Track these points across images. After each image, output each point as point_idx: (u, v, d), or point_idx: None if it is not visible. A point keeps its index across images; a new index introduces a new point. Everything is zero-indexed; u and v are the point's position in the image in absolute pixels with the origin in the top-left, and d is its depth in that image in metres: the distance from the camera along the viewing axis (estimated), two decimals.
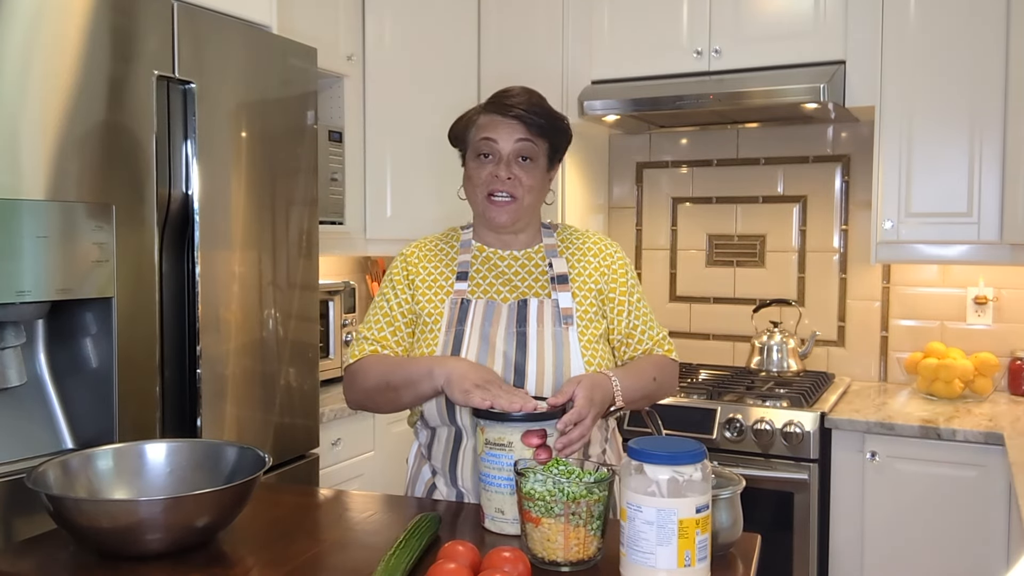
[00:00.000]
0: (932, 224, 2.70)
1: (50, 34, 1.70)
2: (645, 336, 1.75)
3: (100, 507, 1.31)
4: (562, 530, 1.24)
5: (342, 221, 3.01)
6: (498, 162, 1.66)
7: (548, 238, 1.77)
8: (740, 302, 3.35)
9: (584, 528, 1.25)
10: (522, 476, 1.29)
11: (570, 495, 1.23)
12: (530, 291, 1.70)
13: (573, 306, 1.67)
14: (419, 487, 1.73)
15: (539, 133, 1.67)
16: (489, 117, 1.68)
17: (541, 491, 1.25)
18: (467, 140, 1.71)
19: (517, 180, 1.66)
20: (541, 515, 1.25)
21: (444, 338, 1.65)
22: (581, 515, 1.24)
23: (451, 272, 1.72)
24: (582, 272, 1.73)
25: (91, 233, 1.76)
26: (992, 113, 2.60)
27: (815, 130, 3.21)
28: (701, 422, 2.64)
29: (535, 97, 1.69)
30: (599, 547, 1.28)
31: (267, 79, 2.25)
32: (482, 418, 1.45)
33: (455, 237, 1.79)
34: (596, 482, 1.27)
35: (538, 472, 1.28)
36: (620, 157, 3.55)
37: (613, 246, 1.79)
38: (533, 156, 1.68)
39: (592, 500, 1.25)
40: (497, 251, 1.74)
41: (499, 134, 1.66)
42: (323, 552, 1.37)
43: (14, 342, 1.74)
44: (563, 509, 1.23)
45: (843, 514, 2.58)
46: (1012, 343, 2.93)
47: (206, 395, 2.07)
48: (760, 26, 2.87)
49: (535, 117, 1.66)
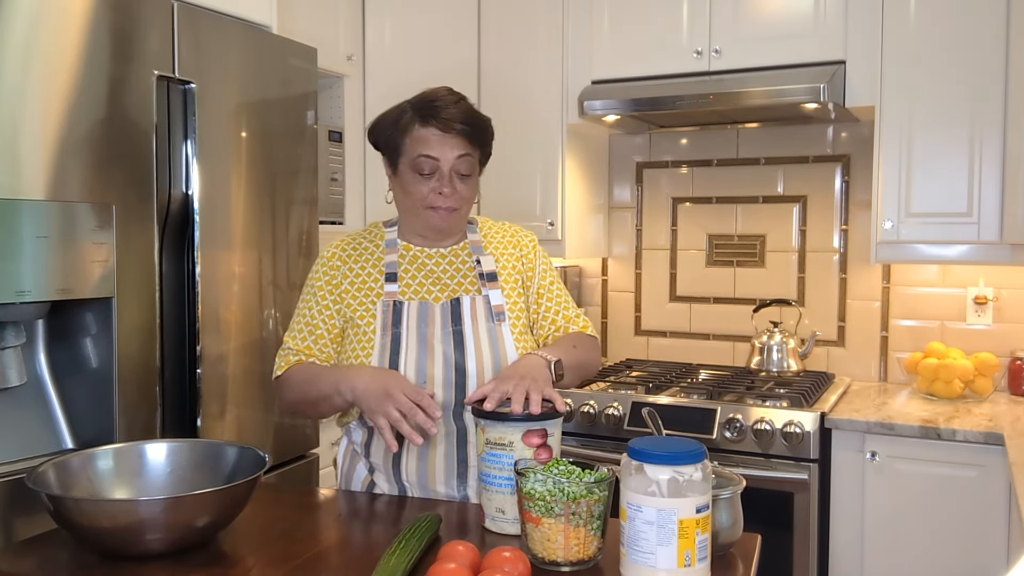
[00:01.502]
0: (932, 224, 2.70)
1: (50, 34, 1.70)
2: (559, 316, 1.79)
3: (100, 507, 1.31)
4: (562, 530, 1.24)
5: (342, 221, 3.01)
6: (439, 178, 1.65)
7: (472, 234, 1.79)
8: (740, 302, 3.35)
9: (584, 528, 1.25)
10: (522, 476, 1.29)
11: (570, 495, 1.24)
12: (460, 288, 1.71)
13: (504, 302, 1.71)
14: (356, 484, 1.74)
15: (476, 144, 1.68)
16: (427, 131, 1.63)
17: (541, 491, 1.25)
18: (400, 149, 1.67)
19: (458, 194, 1.67)
20: (541, 515, 1.25)
21: (381, 341, 1.65)
22: (581, 515, 1.24)
23: (379, 273, 1.71)
24: (506, 266, 1.76)
25: (91, 233, 1.76)
26: (992, 113, 2.60)
27: (815, 130, 3.21)
28: (701, 422, 2.64)
29: (467, 104, 1.67)
30: (599, 547, 1.28)
31: (267, 79, 2.25)
32: (482, 418, 1.45)
33: (378, 235, 1.77)
34: (596, 482, 1.27)
35: (538, 472, 1.29)
36: (620, 157, 3.55)
37: (528, 236, 1.83)
38: (471, 170, 1.68)
39: (592, 500, 1.25)
40: (424, 249, 1.75)
41: (440, 151, 1.63)
42: (323, 552, 1.37)
43: (14, 342, 1.74)
44: (563, 509, 1.24)
45: (843, 514, 2.58)
46: (1012, 343, 2.93)
47: (206, 395, 2.07)
48: (760, 26, 2.87)
49: (472, 129, 1.65)
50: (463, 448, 1.65)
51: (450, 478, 1.65)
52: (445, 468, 1.65)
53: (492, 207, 3.19)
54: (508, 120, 3.20)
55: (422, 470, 1.65)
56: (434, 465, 1.65)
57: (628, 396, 2.79)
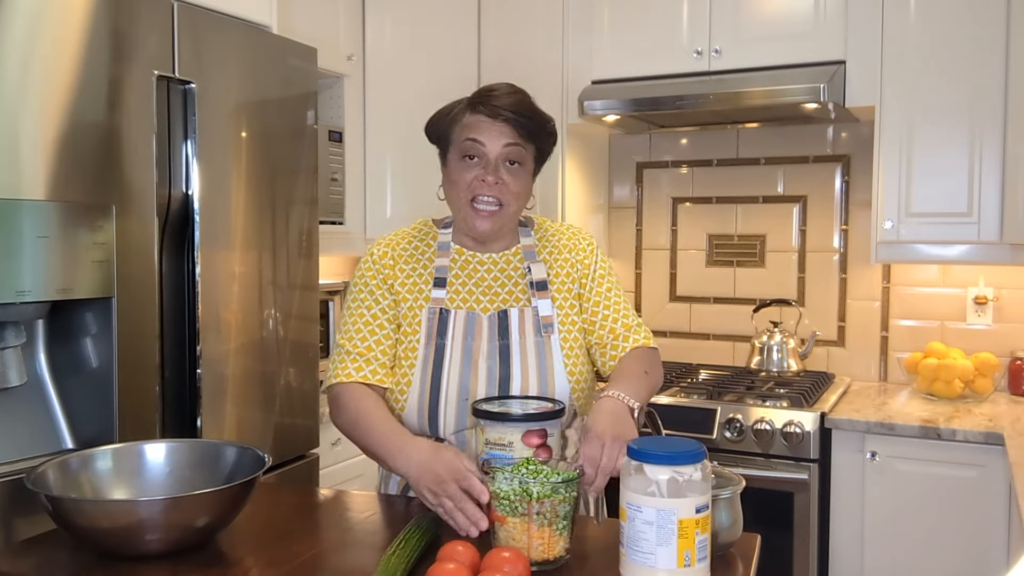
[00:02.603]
0: (932, 224, 2.70)
1: (50, 34, 1.70)
2: (618, 324, 1.68)
3: (99, 507, 1.31)
4: (526, 530, 1.25)
5: (342, 221, 3.01)
6: (485, 165, 1.58)
7: (526, 238, 1.72)
8: (740, 302, 3.35)
9: (549, 528, 1.25)
10: (488, 475, 1.28)
11: (535, 495, 1.23)
12: (510, 297, 1.65)
13: (553, 313, 1.64)
14: (392, 487, 1.70)
15: (528, 137, 1.60)
16: (476, 117, 1.59)
17: (507, 490, 1.25)
18: (450, 138, 1.62)
19: (504, 185, 1.59)
20: (507, 514, 1.26)
21: (424, 352, 1.61)
22: (546, 515, 1.24)
23: (429, 275, 1.66)
24: (560, 273, 1.69)
25: (91, 233, 1.76)
26: (992, 113, 2.60)
27: (815, 130, 3.21)
28: (701, 422, 2.64)
29: (523, 97, 1.62)
30: (566, 547, 1.28)
31: (267, 79, 2.25)
32: (482, 418, 1.45)
33: (431, 235, 1.72)
34: (564, 482, 1.26)
35: (505, 471, 1.28)
36: (620, 157, 3.55)
37: (586, 239, 1.74)
38: (521, 160, 1.60)
39: (557, 500, 1.25)
40: (476, 254, 1.69)
41: (487, 136, 1.57)
42: (323, 552, 1.37)
43: (14, 342, 1.74)
44: (527, 509, 1.24)
45: (843, 514, 2.58)
46: (1012, 343, 2.92)
47: (206, 395, 2.07)
48: (760, 26, 2.87)
49: (525, 119, 1.58)
50: None
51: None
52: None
53: None
54: None
55: None
56: None
57: None
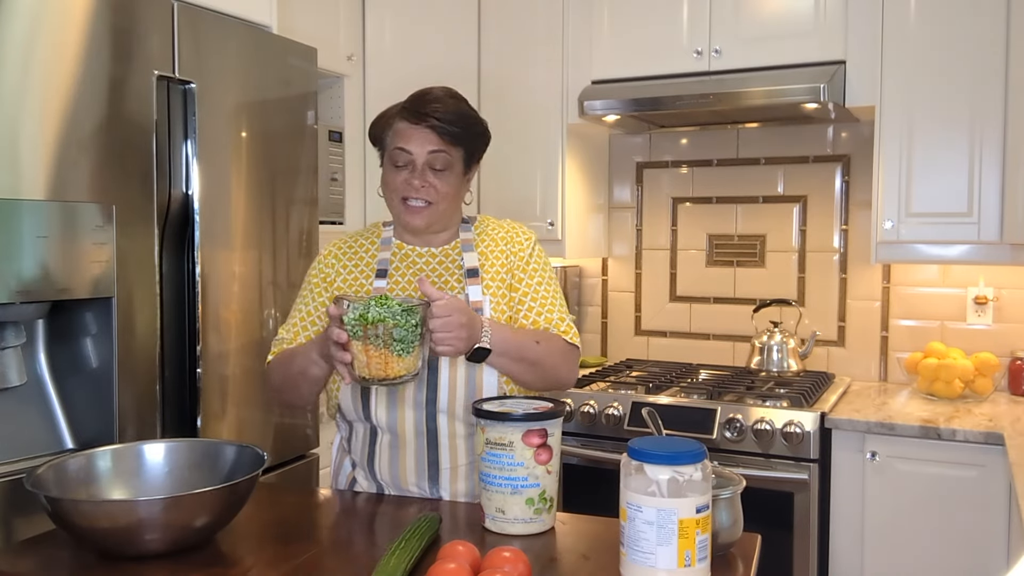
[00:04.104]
0: (932, 224, 2.70)
1: (50, 34, 1.70)
2: (541, 319, 1.72)
3: (99, 508, 1.31)
4: (364, 350, 1.44)
5: (342, 221, 3.01)
6: (412, 170, 1.66)
7: (465, 233, 1.78)
8: (740, 302, 3.35)
9: (385, 350, 1.43)
10: (338, 306, 1.45)
11: (370, 319, 1.42)
12: (446, 286, 1.71)
13: (483, 299, 1.70)
14: (341, 480, 1.77)
15: (453, 142, 1.66)
16: (404, 124, 1.66)
17: (350, 318, 1.43)
18: (384, 143, 1.71)
19: (432, 188, 1.66)
20: (351, 338, 1.44)
21: None
22: (380, 336, 1.42)
23: (371, 270, 1.74)
24: (494, 263, 1.74)
25: (91, 233, 1.76)
26: (992, 113, 2.60)
27: (815, 130, 3.21)
28: (701, 422, 2.64)
29: (452, 102, 1.67)
30: (408, 369, 1.47)
31: (267, 79, 2.25)
32: (482, 418, 1.45)
33: (376, 233, 1.80)
34: (404, 311, 1.43)
35: (354, 304, 1.44)
36: (620, 157, 3.55)
37: (525, 234, 1.80)
38: (446, 166, 1.67)
39: (390, 324, 1.42)
40: (416, 248, 1.76)
41: (413, 144, 1.65)
42: (323, 552, 1.37)
43: (14, 342, 1.74)
44: (363, 332, 1.43)
45: (843, 514, 2.58)
46: (1012, 343, 2.92)
47: (206, 395, 2.07)
48: (760, 26, 2.87)
49: (449, 126, 1.64)
50: (434, 450, 1.64)
51: (421, 479, 1.65)
52: (416, 468, 1.65)
53: (492, 207, 3.20)
54: (508, 120, 3.20)
55: (394, 469, 1.66)
56: (404, 464, 1.65)
57: (628, 396, 2.79)
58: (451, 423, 1.63)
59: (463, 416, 1.63)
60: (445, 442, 1.64)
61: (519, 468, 1.42)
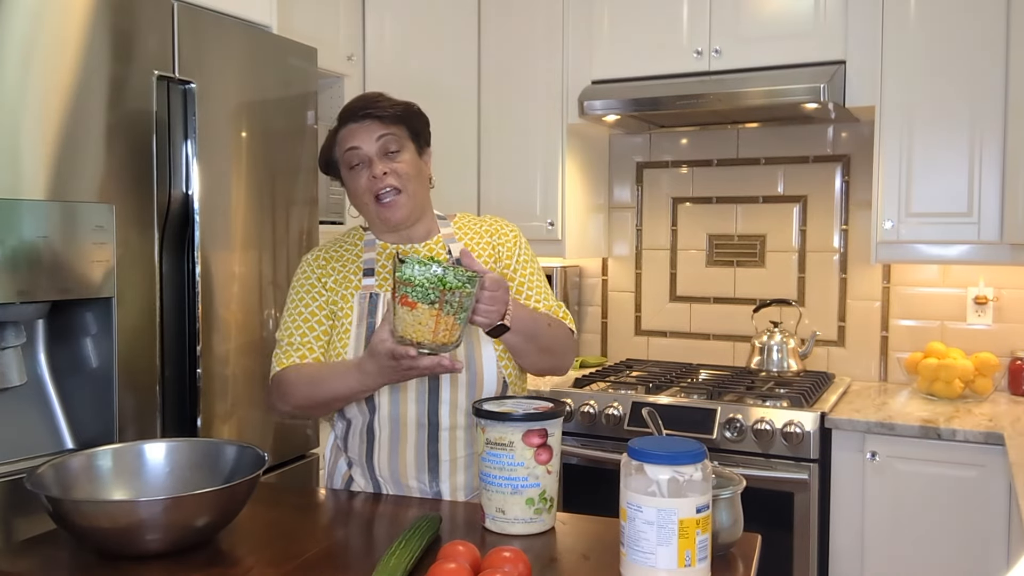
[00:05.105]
0: (932, 224, 2.70)
1: (50, 34, 1.70)
2: (540, 305, 1.76)
3: (99, 508, 1.31)
4: (435, 316, 1.39)
5: (342, 221, 3.01)
6: (370, 165, 1.67)
7: (445, 228, 1.79)
8: (740, 302, 3.35)
9: (453, 317, 1.40)
10: (403, 263, 1.39)
11: (448, 285, 1.38)
12: None
13: None
14: (337, 480, 1.77)
15: (394, 122, 1.69)
16: (345, 129, 1.69)
17: (420, 278, 1.37)
18: (336, 160, 1.72)
19: (393, 172, 1.67)
20: (418, 300, 1.38)
21: (356, 331, 1.68)
22: (453, 304, 1.39)
23: (358, 269, 1.74)
24: (480, 254, 1.75)
25: (91, 233, 1.76)
26: (992, 113, 2.60)
27: (815, 130, 3.21)
28: (701, 422, 2.64)
29: (378, 95, 1.72)
30: (460, 336, 1.45)
31: (267, 79, 2.26)
32: (482, 418, 1.45)
33: (358, 237, 1.80)
34: (470, 278, 1.41)
35: (422, 261, 1.39)
36: (620, 157, 3.55)
37: (508, 226, 1.82)
38: (399, 146, 1.69)
39: (464, 292, 1.40)
40: (399, 246, 1.76)
41: (360, 139, 1.67)
42: (323, 552, 1.37)
43: (14, 342, 1.74)
44: (439, 296, 1.38)
45: (843, 514, 2.58)
46: (1012, 343, 2.93)
47: (206, 395, 2.07)
48: (760, 26, 2.87)
49: (385, 109, 1.68)
50: (434, 443, 1.65)
51: (421, 472, 1.66)
52: (416, 462, 1.66)
53: (492, 207, 3.19)
54: (508, 120, 3.20)
55: (393, 464, 1.67)
56: (405, 458, 1.66)
57: (628, 396, 2.79)
58: (453, 414, 1.64)
59: (464, 405, 1.65)
60: (446, 435, 1.65)
61: (519, 468, 1.42)
